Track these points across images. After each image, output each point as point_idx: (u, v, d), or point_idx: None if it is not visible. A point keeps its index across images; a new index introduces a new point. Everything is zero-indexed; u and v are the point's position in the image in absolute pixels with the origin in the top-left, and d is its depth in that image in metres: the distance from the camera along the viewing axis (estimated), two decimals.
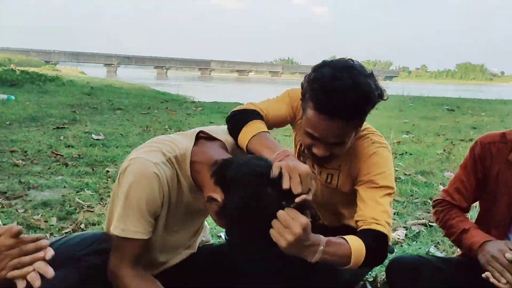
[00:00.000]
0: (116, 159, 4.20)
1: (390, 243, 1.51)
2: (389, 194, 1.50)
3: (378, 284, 1.97)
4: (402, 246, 2.49)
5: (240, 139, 1.45)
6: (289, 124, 1.75)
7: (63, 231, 2.44)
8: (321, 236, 1.25)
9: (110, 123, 6.49)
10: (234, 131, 1.49)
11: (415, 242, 2.57)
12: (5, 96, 8.53)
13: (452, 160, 4.70)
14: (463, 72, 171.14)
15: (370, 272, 2.01)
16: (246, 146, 1.42)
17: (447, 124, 8.04)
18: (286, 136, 5.46)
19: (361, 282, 1.94)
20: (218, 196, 1.23)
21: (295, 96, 1.66)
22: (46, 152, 4.29)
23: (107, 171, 3.76)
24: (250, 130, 1.44)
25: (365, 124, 1.55)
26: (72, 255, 1.38)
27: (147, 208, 1.31)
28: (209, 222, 2.28)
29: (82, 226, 2.54)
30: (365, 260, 1.35)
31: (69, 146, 4.67)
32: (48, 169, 3.73)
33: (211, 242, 1.86)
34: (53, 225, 2.53)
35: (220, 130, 1.51)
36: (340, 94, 1.31)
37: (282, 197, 1.14)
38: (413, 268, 1.57)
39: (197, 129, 1.44)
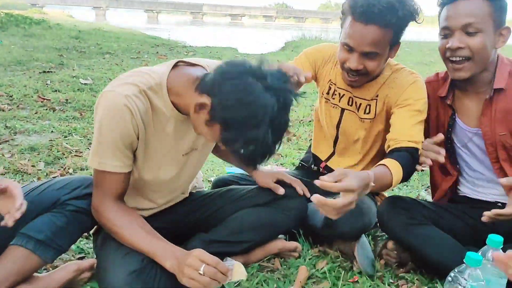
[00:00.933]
0: None
1: None
2: (423, 119, 1.58)
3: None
4: (393, 190, 2.49)
5: None
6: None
7: (51, 176, 2.41)
8: (369, 173, 1.29)
9: (98, 68, 6.32)
10: None
11: (405, 186, 2.57)
12: None
13: None
14: None
15: None
16: None
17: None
18: None
19: None
20: (206, 100, 1.17)
21: (309, 51, 1.81)
22: (32, 97, 4.17)
23: None
24: None
25: (399, 63, 1.69)
26: (57, 199, 1.36)
27: (121, 140, 1.26)
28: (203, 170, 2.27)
29: (70, 171, 2.51)
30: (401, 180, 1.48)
31: (56, 90, 4.54)
32: (35, 113, 3.65)
33: (203, 188, 1.84)
34: (40, 169, 2.49)
35: (202, 59, 1.43)
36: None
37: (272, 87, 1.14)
38: (405, 206, 1.59)
39: (176, 60, 1.37)
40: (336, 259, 1.71)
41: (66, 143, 2.92)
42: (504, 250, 1.14)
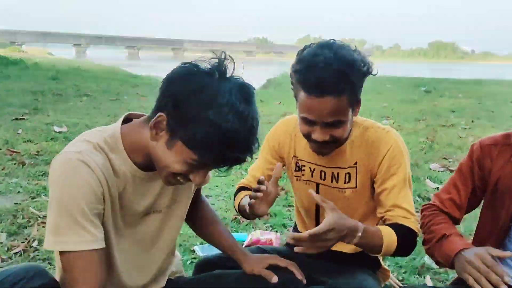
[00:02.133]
0: None
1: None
2: (410, 181, 1.48)
3: None
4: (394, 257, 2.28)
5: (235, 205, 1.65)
6: None
7: (12, 251, 2.13)
8: (359, 223, 1.29)
9: (74, 112, 6.08)
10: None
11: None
12: None
13: (436, 150, 4.55)
14: (435, 50, 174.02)
15: None
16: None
17: (426, 107, 7.93)
18: None
19: None
20: (160, 114, 1.03)
21: (268, 137, 1.68)
22: (1, 149, 3.90)
23: None
24: (237, 199, 1.64)
25: (366, 119, 1.54)
26: None
27: (85, 204, 1.03)
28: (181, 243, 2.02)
29: (35, 243, 2.23)
30: (394, 253, 1.39)
31: (27, 141, 4.27)
32: (2, 169, 3.37)
33: (183, 274, 1.59)
34: (1, 243, 2.21)
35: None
36: (323, 67, 1.28)
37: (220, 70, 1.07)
38: None
39: (127, 113, 1.21)
40: None
41: (33, 207, 2.65)
42: None
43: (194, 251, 2.24)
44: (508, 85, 13.96)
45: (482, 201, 1.45)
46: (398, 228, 1.39)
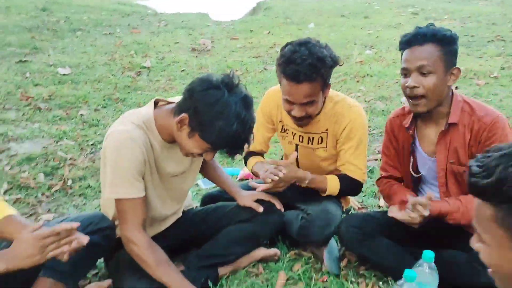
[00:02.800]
0: (87, 99, 4.29)
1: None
2: (364, 146, 2.03)
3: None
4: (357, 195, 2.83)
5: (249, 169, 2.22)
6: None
7: (53, 189, 2.67)
8: (308, 174, 1.96)
9: (72, 50, 6.37)
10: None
11: (369, 178, 2.92)
12: None
13: None
14: None
15: None
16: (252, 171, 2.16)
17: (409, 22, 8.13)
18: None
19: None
20: (183, 116, 1.52)
21: (261, 108, 2.18)
22: (15, 94, 4.31)
23: (81, 115, 3.89)
24: (249, 164, 2.21)
25: (337, 92, 2.05)
26: None
27: (134, 168, 1.57)
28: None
29: (69, 182, 2.76)
30: (339, 194, 2.05)
31: (37, 84, 4.67)
32: (22, 115, 3.82)
33: (192, 206, 2.15)
34: (41, 182, 2.74)
35: (176, 98, 1.73)
36: (300, 62, 1.75)
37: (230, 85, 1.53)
38: (358, 224, 1.93)
39: (155, 98, 1.73)
40: (309, 260, 2.07)
41: (60, 151, 3.15)
42: (439, 257, 1.52)
43: (197, 184, 2.79)
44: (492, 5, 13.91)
45: None
46: (345, 178, 2.03)
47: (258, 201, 2.00)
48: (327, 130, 2.02)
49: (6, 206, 1.56)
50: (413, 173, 1.93)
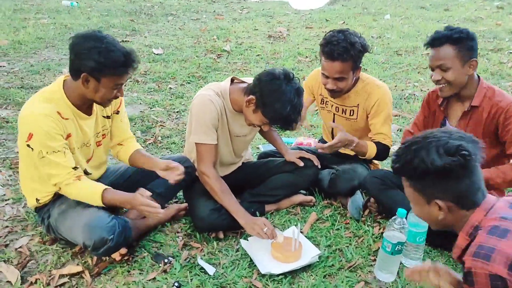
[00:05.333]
0: (175, 75, 5.08)
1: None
2: (390, 119, 2.53)
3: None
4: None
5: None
6: None
7: (147, 143, 3.43)
8: (355, 138, 2.37)
9: (165, 33, 7.26)
10: None
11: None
12: (68, 3, 9.31)
13: None
14: None
15: None
16: None
17: (487, 28, 8.08)
18: None
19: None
20: (252, 97, 2.12)
21: (308, 79, 2.74)
22: None
23: (170, 88, 4.67)
24: None
25: (369, 75, 2.53)
26: None
27: (210, 122, 2.22)
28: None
29: (159, 138, 3.52)
30: (374, 158, 2.51)
31: (139, 61, 5.52)
32: (124, 86, 4.65)
33: (251, 160, 2.79)
34: (138, 136, 3.52)
35: (248, 78, 2.33)
36: (335, 45, 2.25)
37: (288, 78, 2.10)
38: (381, 176, 2.44)
39: (231, 77, 2.35)
40: (338, 208, 2.63)
41: (153, 115, 3.94)
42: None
43: (258, 147, 3.42)
44: None
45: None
46: (379, 144, 2.49)
47: (301, 158, 2.57)
48: (358, 105, 2.53)
49: (136, 143, 2.36)
50: None
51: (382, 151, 2.50)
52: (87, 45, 1.83)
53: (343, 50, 2.25)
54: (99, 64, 1.82)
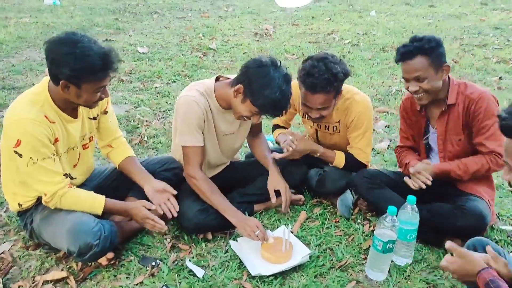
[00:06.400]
0: (161, 74, 5.01)
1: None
2: (370, 132, 2.50)
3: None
4: (383, 155, 3.30)
5: (274, 137, 2.77)
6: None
7: (133, 143, 3.37)
8: (320, 148, 2.46)
9: (150, 32, 7.17)
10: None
11: (392, 150, 3.35)
12: (51, 1, 9.15)
13: (455, 71, 5.23)
14: None
15: None
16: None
17: (471, 24, 8.14)
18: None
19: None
20: (240, 86, 2.06)
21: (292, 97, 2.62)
22: None
23: (156, 87, 4.60)
24: (274, 134, 2.77)
25: (349, 88, 2.47)
26: (153, 170, 2.30)
27: (196, 123, 2.17)
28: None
29: (145, 138, 3.46)
30: (343, 168, 2.52)
31: (119, 61, 5.43)
32: (109, 85, 4.58)
33: (239, 159, 2.75)
34: (125, 137, 3.44)
35: (232, 76, 2.28)
36: (317, 76, 2.17)
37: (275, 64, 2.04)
38: (369, 175, 2.42)
39: (217, 75, 2.30)
40: (327, 206, 2.60)
41: (138, 114, 3.87)
42: (430, 205, 2.06)
43: (246, 146, 3.38)
44: None
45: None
46: (350, 157, 2.51)
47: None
48: (339, 121, 2.51)
49: (128, 148, 2.31)
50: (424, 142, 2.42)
51: (353, 165, 2.51)
52: (62, 51, 1.74)
53: (326, 82, 2.18)
54: (76, 71, 1.73)
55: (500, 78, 5.03)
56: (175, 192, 2.18)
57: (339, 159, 2.50)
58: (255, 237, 2.10)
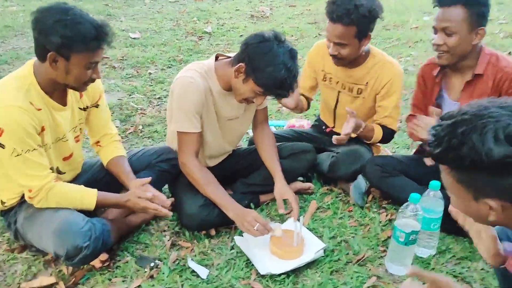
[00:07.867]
0: (154, 60, 4.77)
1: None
2: (400, 98, 2.32)
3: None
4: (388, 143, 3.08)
5: None
6: None
7: (127, 132, 3.16)
8: (362, 123, 2.18)
9: (142, 17, 6.89)
10: None
11: (403, 132, 3.15)
12: None
13: None
14: None
15: None
16: None
17: None
18: None
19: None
20: (241, 64, 1.85)
21: (310, 53, 2.48)
22: None
23: (150, 73, 4.37)
24: None
25: (382, 52, 2.30)
26: (149, 162, 2.09)
27: (193, 108, 1.95)
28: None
29: (140, 127, 3.24)
30: (379, 142, 2.35)
31: (111, 47, 5.19)
32: (101, 72, 4.35)
33: (242, 146, 2.55)
34: (118, 126, 3.24)
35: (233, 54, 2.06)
36: (339, 4, 2.03)
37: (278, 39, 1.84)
38: (381, 163, 2.22)
39: (216, 54, 2.08)
40: (339, 194, 2.40)
41: (132, 102, 3.65)
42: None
43: (248, 132, 3.17)
44: None
45: None
46: (385, 129, 2.32)
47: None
48: (367, 83, 2.29)
49: (120, 147, 2.10)
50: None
51: (388, 136, 2.34)
52: (51, 19, 1.58)
53: (344, 12, 2.02)
54: (67, 39, 1.57)
55: (510, 53, 4.81)
56: (148, 179, 1.94)
57: (378, 133, 2.30)
58: (255, 232, 1.88)
